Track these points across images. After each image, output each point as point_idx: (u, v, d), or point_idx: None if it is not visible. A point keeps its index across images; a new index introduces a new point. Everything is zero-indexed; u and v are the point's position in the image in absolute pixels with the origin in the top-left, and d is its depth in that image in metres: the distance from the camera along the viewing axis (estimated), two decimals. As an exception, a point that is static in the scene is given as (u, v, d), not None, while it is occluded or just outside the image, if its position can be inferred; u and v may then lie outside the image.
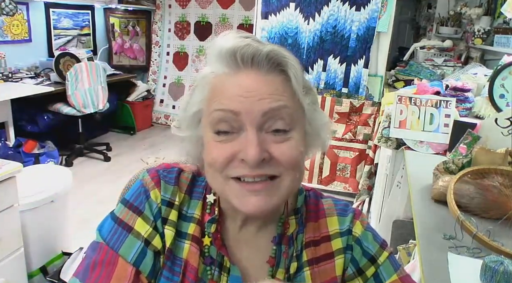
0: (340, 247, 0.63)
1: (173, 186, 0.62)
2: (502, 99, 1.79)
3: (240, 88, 0.52)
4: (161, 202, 0.60)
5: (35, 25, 3.89)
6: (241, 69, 0.53)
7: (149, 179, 0.62)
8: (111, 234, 0.59)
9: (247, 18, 4.63)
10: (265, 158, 0.51)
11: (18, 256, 1.70)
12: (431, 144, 1.74)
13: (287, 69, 0.54)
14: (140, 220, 0.59)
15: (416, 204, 1.18)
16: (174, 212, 0.61)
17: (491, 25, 2.69)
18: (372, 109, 2.65)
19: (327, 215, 0.65)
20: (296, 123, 0.54)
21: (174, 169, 0.64)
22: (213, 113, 0.53)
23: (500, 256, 0.83)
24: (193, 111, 0.57)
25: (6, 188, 1.57)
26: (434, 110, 1.76)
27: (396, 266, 0.63)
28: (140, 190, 0.61)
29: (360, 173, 2.68)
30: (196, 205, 0.63)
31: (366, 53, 2.56)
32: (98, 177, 3.45)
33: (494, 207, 1.05)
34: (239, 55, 0.52)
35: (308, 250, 0.62)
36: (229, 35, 0.55)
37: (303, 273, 0.61)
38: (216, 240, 0.60)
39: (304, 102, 0.56)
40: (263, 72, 0.53)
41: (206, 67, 0.57)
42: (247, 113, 0.51)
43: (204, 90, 0.56)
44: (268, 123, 0.52)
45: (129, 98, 4.71)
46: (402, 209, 1.79)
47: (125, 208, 0.60)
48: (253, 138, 0.51)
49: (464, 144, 1.51)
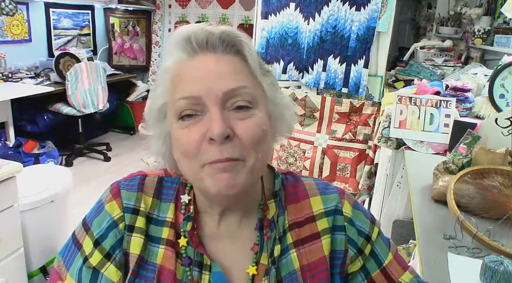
0: (326, 227, 0.62)
1: (136, 193, 0.61)
2: (502, 99, 1.79)
3: (198, 70, 0.53)
4: (123, 210, 0.60)
5: (35, 25, 3.89)
6: (197, 53, 0.54)
7: (107, 193, 0.62)
8: (66, 251, 0.63)
9: (247, 18, 4.63)
10: (229, 135, 0.52)
11: (18, 256, 1.70)
12: (431, 144, 1.74)
13: (242, 49, 0.55)
14: (87, 238, 0.61)
15: (416, 204, 1.18)
16: (141, 218, 0.60)
17: (491, 25, 2.69)
18: (372, 109, 2.64)
19: (310, 195, 0.65)
20: (257, 102, 0.55)
21: (136, 176, 0.64)
22: (176, 104, 0.54)
23: (500, 256, 0.83)
24: (158, 106, 0.58)
25: (6, 188, 1.57)
26: (434, 110, 1.76)
27: (387, 244, 0.66)
28: (95, 206, 0.63)
29: (360, 173, 2.68)
30: (168, 208, 0.62)
31: (366, 53, 2.56)
32: (98, 177, 3.46)
33: (494, 207, 1.05)
34: (194, 39, 0.54)
35: (292, 232, 0.62)
36: (184, 25, 0.57)
37: (289, 255, 0.61)
38: (192, 238, 0.59)
39: (263, 81, 0.57)
40: (219, 53, 0.54)
41: (165, 60, 0.58)
42: (207, 94, 0.52)
43: (166, 82, 0.56)
44: (229, 101, 0.53)
45: (129, 98, 4.71)
46: (402, 209, 1.79)
47: (80, 226, 0.63)
48: (216, 115, 0.51)
49: (464, 144, 1.51)
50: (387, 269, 0.64)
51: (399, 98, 1.80)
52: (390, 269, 0.64)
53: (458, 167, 1.25)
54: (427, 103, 1.77)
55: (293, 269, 0.60)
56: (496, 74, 1.81)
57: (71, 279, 0.59)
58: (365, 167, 2.56)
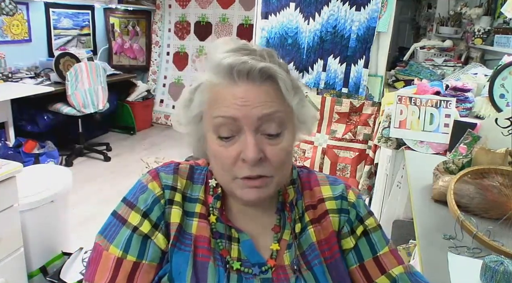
0: (333, 207, 0.72)
1: (173, 175, 0.69)
2: (502, 99, 1.79)
3: (238, 98, 0.60)
4: (163, 188, 0.67)
5: (35, 25, 3.89)
6: (236, 82, 0.61)
7: (147, 175, 0.69)
8: (109, 228, 0.66)
9: (247, 18, 4.63)
10: (261, 158, 0.61)
11: (18, 256, 1.70)
12: (431, 144, 1.74)
13: (278, 80, 0.61)
14: (133, 213, 0.66)
15: (416, 204, 1.18)
16: (178, 194, 0.68)
17: (491, 25, 2.69)
18: (372, 109, 2.64)
19: (321, 184, 0.75)
20: (286, 123, 0.64)
21: (171, 164, 0.72)
22: (215, 119, 0.62)
23: (500, 256, 0.83)
24: (195, 112, 0.65)
25: (6, 188, 1.57)
26: (434, 110, 1.76)
27: (386, 240, 0.73)
28: (137, 187, 0.68)
29: (360, 173, 2.68)
30: (199, 188, 0.70)
31: (366, 53, 2.56)
32: (98, 177, 3.45)
33: (494, 207, 1.05)
34: (236, 72, 0.60)
35: (308, 212, 0.72)
36: (226, 47, 0.63)
37: (307, 231, 0.70)
38: (222, 215, 0.68)
39: (293, 103, 0.64)
40: (257, 84, 0.61)
41: (204, 72, 0.64)
42: (244, 118, 0.60)
43: (204, 95, 0.64)
44: (263, 126, 0.61)
45: (129, 98, 4.71)
46: (402, 209, 1.79)
47: (122, 204, 0.68)
48: (251, 141, 0.60)
49: (464, 144, 1.51)
50: (380, 259, 0.70)
51: (399, 98, 1.80)
52: (383, 259, 0.70)
53: (458, 167, 1.25)
54: (427, 103, 1.77)
55: (311, 242, 0.69)
56: (496, 74, 1.81)
57: (115, 248, 0.64)
58: (365, 167, 2.56)
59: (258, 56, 0.62)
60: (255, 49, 0.63)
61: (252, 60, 0.60)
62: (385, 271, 0.69)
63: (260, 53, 0.63)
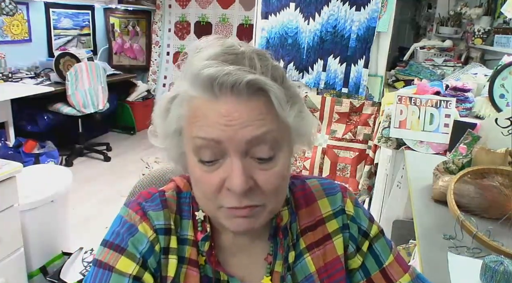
0: (336, 227, 0.64)
1: (163, 210, 0.58)
2: (502, 99, 1.79)
3: (221, 116, 0.49)
4: (155, 233, 0.57)
5: (35, 25, 3.89)
6: (219, 97, 0.49)
7: (133, 213, 0.58)
8: (92, 279, 0.54)
9: (247, 18, 4.63)
10: (250, 186, 0.50)
11: (18, 256, 1.70)
12: (431, 144, 1.74)
13: (268, 91, 0.50)
14: (123, 259, 0.54)
15: (416, 204, 1.18)
16: (173, 238, 0.58)
17: (491, 25, 2.69)
18: (372, 109, 2.64)
19: (317, 198, 0.66)
20: (281, 144, 0.52)
21: (155, 194, 0.61)
22: (194, 140, 0.51)
23: (500, 256, 0.83)
24: (173, 127, 0.55)
25: (6, 188, 1.57)
26: (434, 110, 1.76)
27: (389, 245, 0.67)
28: (121, 226, 0.57)
29: (360, 173, 2.68)
30: (188, 225, 0.60)
31: (366, 53, 2.56)
32: (98, 177, 3.45)
33: (494, 207, 1.05)
34: (217, 85, 0.48)
35: (305, 237, 0.63)
36: (209, 51, 0.52)
37: (303, 260, 0.62)
38: (211, 257, 0.59)
39: (289, 118, 0.53)
40: (244, 99, 0.49)
41: (182, 81, 0.53)
42: (229, 141, 0.49)
43: (181, 108, 0.53)
44: (252, 149, 0.50)
45: (129, 98, 4.70)
46: (402, 209, 1.79)
47: (104, 248, 0.56)
48: (238, 167, 0.49)
49: (464, 144, 1.51)
50: (387, 270, 0.65)
51: (399, 98, 1.80)
52: (390, 270, 0.65)
53: (458, 167, 1.25)
54: (427, 103, 1.77)
55: (309, 273, 0.61)
56: (496, 74, 1.81)
57: None
58: (365, 167, 2.56)
59: (247, 61, 0.50)
60: (243, 51, 0.52)
61: (238, 71, 0.48)
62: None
63: (249, 56, 0.51)
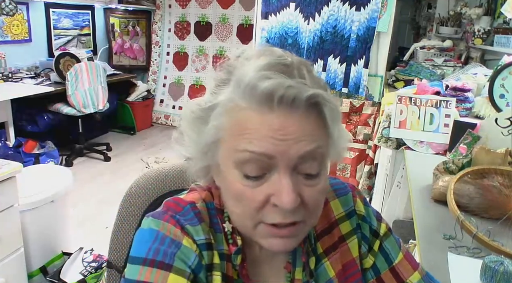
0: (349, 229, 0.64)
1: (200, 225, 0.55)
2: (502, 99, 1.79)
3: (274, 130, 0.46)
4: (199, 248, 0.53)
5: (35, 25, 3.89)
6: (274, 110, 0.47)
7: (171, 227, 0.53)
8: None
9: (247, 18, 4.63)
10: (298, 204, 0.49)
11: (18, 256, 1.70)
12: (431, 144, 1.74)
13: (324, 108, 0.49)
14: (172, 276, 0.50)
15: (416, 204, 1.18)
16: (216, 253, 0.55)
17: (491, 25, 2.69)
18: (372, 109, 2.65)
19: (329, 199, 0.65)
20: (325, 160, 0.52)
21: (186, 207, 0.56)
22: (241, 153, 0.48)
23: (500, 256, 0.83)
24: (209, 139, 0.51)
25: (6, 188, 1.57)
26: (434, 110, 1.76)
27: (398, 243, 0.66)
28: (160, 242, 0.52)
29: (360, 173, 2.68)
30: (221, 238, 0.56)
31: (366, 53, 2.56)
32: (98, 177, 3.45)
33: (494, 207, 1.05)
34: (277, 98, 0.46)
35: (321, 241, 0.62)
36: (260, 60, 0.48)
37: (322, 265, 0.61)
38: (243, 271, 0.56)
39: (334, 133, 0.52)
40: (299, 113, 0.47)
41: (226, 87, 0.50)
42: (281, 156, 0.47)
43: (223, 119, 0.50)
44: (301, 165, 0.49)
45: (129, 98, 4.71)
46: (402, 209, 1.79)
47: (144, 267, 0.50)
48: (289, 184, 0.47)
49: (464, 144, 1.51)
50: (397, 269, 0.64)
51: (399, 98, 1.80)
52: (399, 268, 0.64)
53: (458, 167, 1.25)
54: (427, 103, 1.77)
55: (329, 278, 0.61)
56: (496, 74, 1.81)
57: None
58: (365, 167, 2.56)
59: (296, 72, 0.48)
60: (291, 61, 0.49)
61: (298, 84, 0.46)
62: (402, 281, 0.64)
63: (298, 67, 0.49)
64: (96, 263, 1.93)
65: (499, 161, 1.18)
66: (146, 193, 0.84)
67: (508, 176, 1.09)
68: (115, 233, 0.84)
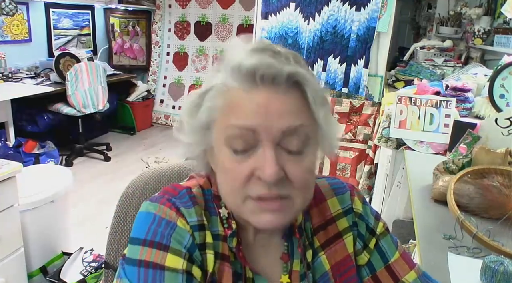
0: (346, 226, 0.65)
1: (194, 207, 0.57)
2: (502, 99, 1.79)
3: (258, 105, 0.51)
4: (191, 230, 0.56)
5: (35, 25, 3.89)
6: (258, 87, 0.51)
7: (166, 209, 0.56)
8: (144, 280, 0.52)
9: (247, 18, 4.63)
10: (281, 177, 0.51)
11: (18, 256, 1.70)
12: (431, 144, 1.74)
13: (305, 88, 0.52)
14: (170, 256, 0.53)
15: (416, 204, 1.18)
16: (208, 233, 0.57)
17: (491, 25, 2.69)
18: (372, 109, 2.65)
19: (327, 197, 0.67)
20: (310, 140, 0.54)
21: (182, 191, 0.59)
22: (229, 128, 0.52)
23: (500, 256, 0.83)
24: (203, 120, 0.55)
25: (6, 188, 1.57)
26: (434, 110, 1.76)
27: (395, 243, 0.68)
28: (157, 224, 0.55)
29: (360, 173, 2.68)
30: (216, 221, 0.59)
31: (366, 53, 2.56)
32: (98, 177, 3.45)
33: (494, 207, 1.05)
34: (259, 75, 0.50)
35: (318, 236, 0.64)
36: (249, 45, 0.53)
37: (319, 258, 0.63)
38: (239, 253, 0.58)
39: (319, 117, 0.54)
40: (281, 90, 0.51)
41: (218, 73, 0.55)
42: (265, 130, 0.51)
43: (216, 100, 0.54)
44: (284, 140, 0.52)
45: (129, 98, 4.71)
46: (402, 209, 1.79)
47: (144, 247, 0.54)
48: (271, 156, 0.50)
49: (464, 144, 1.51)
50: (392, 267, 0.65)
51: (399, 98, 1.80)
52: (395, 267, 0.65)
53: (458, 167, 1.25)
54: (427, 103, 1.77)
55: (325, 271, 0.63)
56: (496, 74, 1.81)
57: None
58: (365, 167, 2.56)
59: (284, 59, 0.52)
60: (280, 50, 0.54)
61: (279, 63, 0.51)
62: (398, 279, 0.65)
63: (285, 56, 0.53)
64: (96, 263, 1.93)
65: (499, 161, 1.18)
66: (143, 193, 0.83)
67: (508, 176, 1.10)
68: (112, 234, 0.84)
